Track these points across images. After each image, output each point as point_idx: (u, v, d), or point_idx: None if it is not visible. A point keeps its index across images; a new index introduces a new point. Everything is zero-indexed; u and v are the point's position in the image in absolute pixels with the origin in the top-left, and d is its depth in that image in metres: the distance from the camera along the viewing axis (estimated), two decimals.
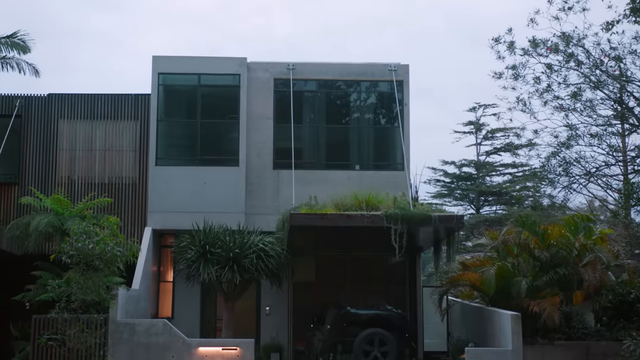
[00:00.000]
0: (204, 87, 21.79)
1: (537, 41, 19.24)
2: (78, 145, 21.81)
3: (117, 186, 21.64)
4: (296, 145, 21.27)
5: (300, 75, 21.95)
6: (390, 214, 16.87)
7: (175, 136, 22.04)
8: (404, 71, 21.94)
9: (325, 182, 20.98)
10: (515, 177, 40.40)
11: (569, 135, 19.83)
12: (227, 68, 21.64)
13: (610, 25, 17.32)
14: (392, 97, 21.76)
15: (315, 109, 22.14)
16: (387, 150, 22.20)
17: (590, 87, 19.07)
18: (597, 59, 18.74)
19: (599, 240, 17.59)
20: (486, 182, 41.66)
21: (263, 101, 21.76)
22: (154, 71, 21.34)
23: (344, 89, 22.29)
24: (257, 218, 20.58)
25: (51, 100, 22.04)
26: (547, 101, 19.54)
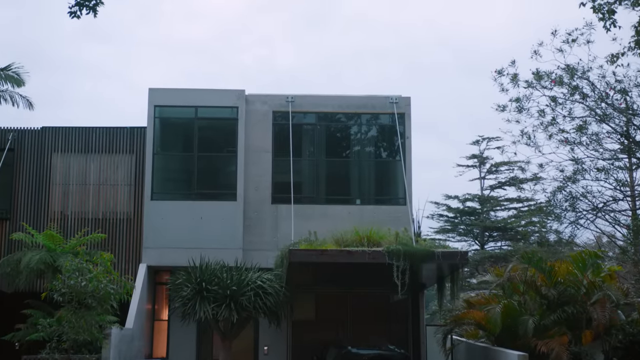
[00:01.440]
0: (201, 119, 21.93)
1: (541, 73, 19.42)
2: (71, 179, 21.89)
3: (111, 221, 21.66)
4: (295, 179, 21.35)
5: (299, 108, 22.11)
6: (392, 250, 16.86)
7: (172, 170, 22.12)
8: (406, 104, 22.10)
9: (325, 217, 21.01)
10: (521, 212, 40.41)
11: (575, 169, 19.92)
12: (225, 100, 21.81)
13: (615, 58, 17.50)
14: (393, 130, 21.89)
15: (314, 142, 22.25)
16: (388, 185, 22.27)
17: (596, 121, 19.21)
18: (602, 91, 18.91)
19: (607, 278, 17.56)
20: (491, 217, 41.67)
21: (261, 134, 21.89)
22: (150, 104, 21.52)
23: (344, 121, 22.43)
24: (255, 254, 20.57)
25: (45, 133, 22.17)
26: (552, 134, 19.67)
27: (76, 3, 12.36)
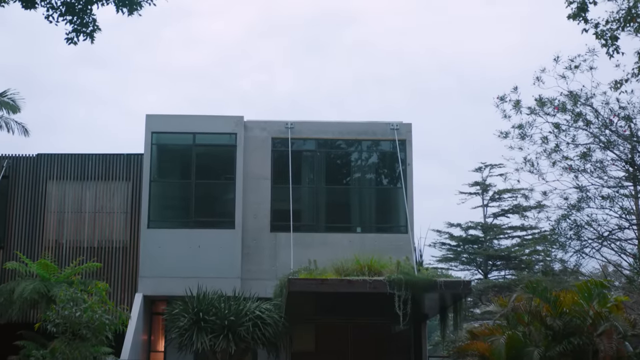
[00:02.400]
0: (199, 146, 22.02)
1: (543, 100, 19.51)
2: (67, 207, 21.92)
3: (107, 250, 21.65)
4: (295, 207, 21.36)
5: (299, 134, 22.20)
6: (393, 279, 16.83)
7: (169, 197, 22.16)
8: (407, 130, 22.19)
9: (325, 245, 20.99)
10: (525, 241, 40.36)
11: (580, 197, 19.91)
12: (223, 127, 21.92)
13: (619, 84, 17.59)
14: (394, 157, 21.96)
15: (314, 169, 22.32)
16: (389, 212, 22.29)
17: (600, 148, 19.26)
18: (606, 118, 18.98)
19: (614, 308, 17.49)
20: (494, 245, 41.58)
21: (260, 161, 21.96)
22: (148, 130, 21.60)
23: (344, 148, 22.52)
24: (254, 283, 20.52)
25: (40, 160, 22.25)
26: (555, 162, 19.69)
27: (73, 29, 12.50)
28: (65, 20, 12.49)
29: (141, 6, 12.69)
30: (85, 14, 12.53)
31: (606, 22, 15.28)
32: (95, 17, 12.59)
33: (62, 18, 12.50)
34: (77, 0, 12.48)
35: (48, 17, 12.47)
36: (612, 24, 15.30)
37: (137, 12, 12.70)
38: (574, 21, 15.22)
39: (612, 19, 15.31)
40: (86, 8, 12.49)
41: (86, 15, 12.52)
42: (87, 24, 12.54)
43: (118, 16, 12.77)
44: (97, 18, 12.64)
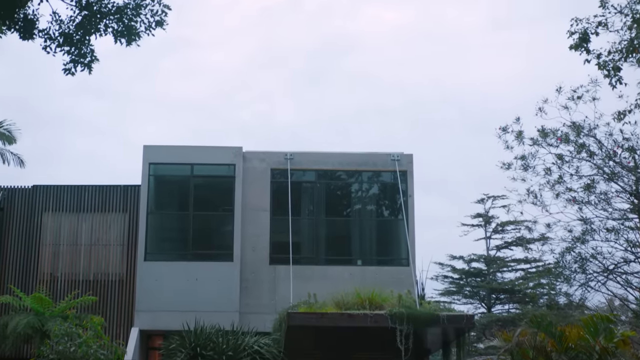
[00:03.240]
0: (197, 177, 22.05)
1: (546, 131, 19.61)
2: (62, 239, 21.89)
3: (103, 283, 21.57)
4: (294, 239, 21.32)
5: (298, 165, 22.23)
6: (395, 313, 16.74)
7: (166, 229, 22.13)
8: (408, 161, 22.23)
9: (325, 278, 20.91)
10: (529, 274, 40.19)
11: (584, 229, 19.90)
12: (222, 158, 21.96)
13: (622, 115, 17.69)
14: (395, 188, 21.97)
15: (314, 200, 22.32)
16: (390, 245, 22.24)
17: (604, 179, 19.30)
18: (609, 149, 19.05)
19: (621, 344, 17.35)
20: (497, 278, 41.41)
21: (259, 192, 21.96)
22: (145, 161, 21.63)
23: (344, 179, 22.54)
24: (252, 317, 20.41)
25: (35, 192, 22.27)
26: (559, 193, 19.74)
27: (71, 60, 12.59)
28: (63, 51, 12.59)
29: (139, 37, 12.80)
30: (83, 44, 12.63)
31: (608, 53, 15.39)
32: (93, 48, 12.70)
33: (60, 49, 12.61)
34: (75, 31, 12.59)
35: (45, 48, 12.57)
36: (615, 55, 15.42)
37: (135, 43, 12.81)
38: (575, 52, 15.36)
39: (614, 50, 15.43)
40: (84, 38, 12.60)
41: (84, 45, 12.63)
42: (85, 55, 12.64)
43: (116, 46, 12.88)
44: (95, 48, 12.76)
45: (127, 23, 12.64)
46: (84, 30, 12.51)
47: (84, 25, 12.53)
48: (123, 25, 12.64)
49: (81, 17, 12.59)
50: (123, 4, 12.74)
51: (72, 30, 12.58)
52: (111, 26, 12.72)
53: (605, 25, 15.44)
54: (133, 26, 12.66)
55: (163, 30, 12.96)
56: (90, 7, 12.62)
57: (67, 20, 12.66)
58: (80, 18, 12.59)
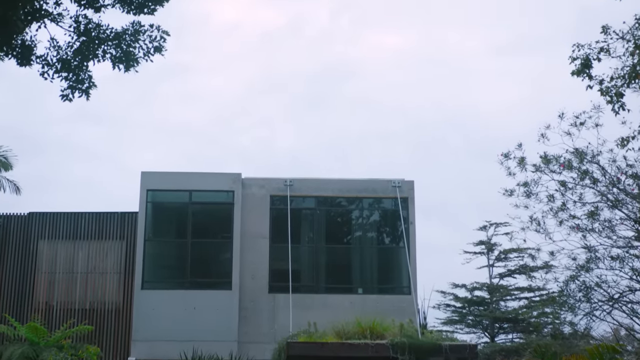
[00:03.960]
0: (196, 204, 22.03)
1: (549, 157, 19.58)
2: (58, 267, 21.83)
3: (99, 312, 21.47)
4: (294, 267, 21.25)
5: (298, 192, 22.24)
6: (396, 342, 16.66)
7: (164, 257, 22.07)
8: (409, 187, 22.23)
9: (325, 307, 20.81)
10: (532, 302, 40.00)
11: (588, 257, 19.79)
12: (221, 184, 21.96)
13: (626, 142, 17.70)
14: (396, 215, 21.95)
15: (314, 227, 22.28)
16: (392, 273, 22.16)
17: (608, 207, 19.24)
18: (613, 176, 19.02)
19: None
20: (501, 307, 41.21)
21: (258, 219, 21.93)
22: (143, 188, 21.63)
23: (345, 206, 22.53)
24: (251, 347, 20.29)
25: (31, 219, 22.25)
26: (562, 221, 19.65)
27: (68, 86, 12.67)
28: (61, 77, 12.68)
29: (138, 62, 12.89)
30: (81, 70, 12.73)
31: (611, 79, 15.46)
32: (91, 74, 12.80)
33: (58, 75, 12.70)
34: (73, 57, 12.68)
35: (43, 74, 12.66)
36: (617, 81, 15.48)
37: (133, 69, 12.90)
38: (578, 77, 15.42)
39: (616, 76, 15.49)
40: (82, 64, 12.70)
41: (82, 71, 12.72)
42: (83, 81, 12.73)
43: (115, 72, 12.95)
44: (93, 74, 12.85)
45: (126, 49, 12.74)
46: (82, 56, 12.61)
47: (82, 51, 12.64)
48: (121, 51, 12.74)
49: (79, 43, 12.70)
50: (121, 30, 12.86)
51: (70, 56, 12.69)
52: (109, 52, 12.83)
53: (607, 51, 15.52)
54: (131, 52, 12.76)
55: (162, 56, 13.06)
56: (89, 33, 12.73)
57: (65, 46, 12.78)
58: (79, 44, 12.71)
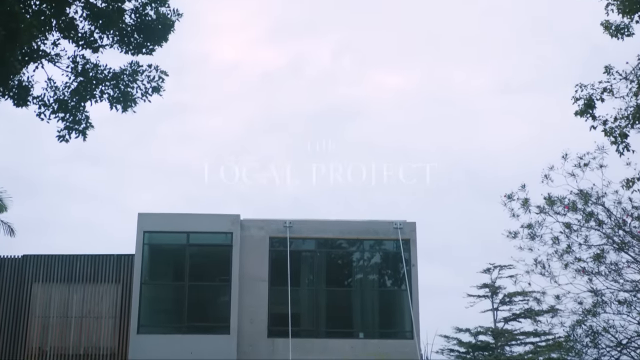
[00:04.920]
0: (193, 246, 21.96)
1: (553, 199, 19.53)
2: (52, 311, 21.65)
3: (94, 357, 21.25)
4: (293, 311, 21.09)
5: (298, 234, 22.17)
6: None
7: (160, 300, 21.93)
8: (411, 229, 22.17)
9: (325, 352, 20.63)
10: (538, 347, 39.53)
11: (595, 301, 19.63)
12: (219, 226, 21.90)
13: (631, 183, 17.67)
14: (398, 257, 21.86)
15: (314, 270, 22.18)
16: (394, 316, 21.99)
17: (614, 249, 19.13)
18: (619, 218, 18.95)
19: None
20: (506, 352, 40.76)
21: (257, 261, 21.83)
22: (139, 229, 21.57)
23: (345, 248, 22.45)
24: None
25: (25, 261, 22.13)
26: (568, 263, 19.52)
27: (65, 127, 12.69)
28: (57, 118, 12.72)
29: (135, 103, 12.95)
30: (78, 111, 12.77)
31: (615, 119, 15.50)
32: (88, 114, 12.84)
33: (54, 115, 12.74)
34: (70, 97, 12.74)
35: (40, 115, 12.69)
36: (621, 121, 15.52)
37: (131, 109, 12.94)
38: (581, 118, 15.46)
39: (620, 116, 15.54)
40: (79, 105, 12.75)
41: (79, 112, 12.76)
42: (80, 121, 12.77)
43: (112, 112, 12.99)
44: (90, 115, 12.89)
45: (123, 89, 12.81)
46: (79, 96, 12.67)
47: (79, 92, 12.69)
48: (119, 92, 12.81)
49: (77, 83, 12.78)
50: (119, 70, 12.94)
51: (67, 96, 12.75)
52: (107, 92, 12.90)
53: (610, 91, 15.60)
54: (129, 92, 12.83)
55: (160, 96, 13.11)
56: (86, 74, 12.81)
57: (62, 86, 12.85)
58: (76, 84, 12.78)
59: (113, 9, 12.63)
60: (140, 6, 13.01)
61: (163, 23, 13.07)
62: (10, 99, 12.48)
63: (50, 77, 12.79)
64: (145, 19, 13.02)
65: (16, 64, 11.15)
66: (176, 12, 13.28)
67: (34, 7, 12.20)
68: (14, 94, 12.48)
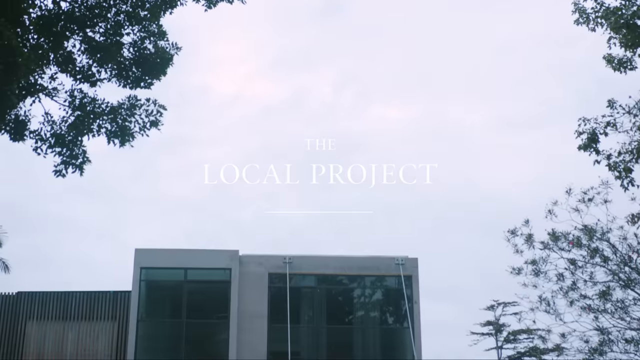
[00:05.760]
0: (191, 282, 21.87)
1: (557, 234, 19.47)
2: (46, 349, 21.48)
3: None
4: (293, 348, 20.95)
5: (298, 270, 22.10)
6: None
7: (158, 338, 21.79)
8: (413, 265, 22.09)
9: None
10: None
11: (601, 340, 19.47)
12: (217, 262, 21.84)
13: (636, 219, 17.63)
14: (400, 294, 21.75)
15: (314, 306, 22.07)
16: (396, 354, 21.82)
17: (620, 286, 19.03)
18: (624, 254, 18.87)
19: None
20: None
21: (257, 298, 21.73)
22: (136, 265, 21.51)
23: (346, 284, 22.35)
24: None
25: (20, 299, 22.01)
26: (573, 301, 19.41)
27: (62, 161, 12.67)
28: (54, 152, 12.69)
29: (133, 137, 12.94)
30: (75, 145, 12.76)
31: (619, 154, 15.48)
32: (85, 149, 12.81)
33: (51, 150, 12.71)
34: (67, 132, 12.73)
35: (36, 149, 12.68)
36: (625, 156, 15.50)
37: (129, 144, 12.93)
38: (585, 152, 15.45)
39: (624, 151, 15.52)
40: (76, 139, 12.74)
41: (76, 146, 12.75)
42: (77, 156, 12.74)
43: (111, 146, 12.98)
44: (87, 149, 12.87)
45: (121, 123, 12.81)
46: (77, 130, 12.66)
47: (76, 126, 12.69)
48: (117, 126, 12.81)
49: (74, 117, 12.78)
50: (117, 104, 12.95)
51: (64, 131, 12.74)
52: (104, 127, 12.89)
53: (614, 125, 15.61)
54: (127, 127, 12.82)
55: (158, 130, 13.11)
56: (84, 108, 12.82)
57: (60, 120, 12.84)
58: (73, 118, 12.78)
59: (111, 42, 12.68)
60: (138, 40, 13.06)
61: (162, 57, 13.12)
62: (6, 133, 12.48)
63: (47, 111, 12.79)
64: (144, 53, 13.07)
65: (13, 98, 11.16)
66: (175, 45, 13.34)
67: (31, 40, 12.25)
68: (10, 128, 12.48)
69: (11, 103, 11.26)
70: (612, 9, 14.71)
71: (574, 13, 15.48)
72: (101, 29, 12.61)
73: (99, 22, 12.47)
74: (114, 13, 12.52)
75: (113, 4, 12.39)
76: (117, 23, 12.60)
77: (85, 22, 12.32)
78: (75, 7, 12.27)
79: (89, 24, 12.37)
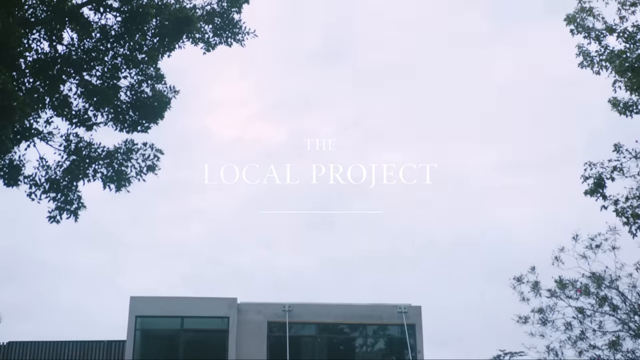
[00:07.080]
0: (188, 331, 21.70)
1: (564, 282, 19.33)
2: None
3: None
4: None
5: (298, 318, 21.95)
6: None
7: None
8: (416, 313, 21.95)
9: None
10: None
11: None
12: (215, 310, 21.70)
13: None
14: (403, 343, 21.57)
15: (315, 356, 21.89)
16: None
17: (630, 336, 18.84)
18: (634, 303, 18.72)
19: None
20: None
21: (255, 347, 21.56)
22: (131, 314, 21.36)
23: (347, 333, 22.18)
24: None
25: (11, 349, 21.83)
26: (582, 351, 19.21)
27: (56, 207, 12.64)
28: (49, 198, 12.67)
29: (129, 182, 12.92)
30: (70, 190, 12.74)
31: (626, 199, 15.46)
32: (80, 194, 12.79)
33: (46, 195, 12.69)
34: (62, 177, 12.73)
35: (30, 195, 12.65)
36: (633, 201, 15.47)
37: (125, 189, 12.92)
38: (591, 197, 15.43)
39: (632, 196, 15.50)
40: (71, 185, 12.73)
41: (71, 192, 12.73)
42: (72, 202, 12.71)
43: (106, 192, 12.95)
44: (82, 194, 12.84)
45: (117, 168, 12.81)
46: (72, 175, 12.66)
47: (71, 171, 12.69)
48: (113, 171, 12.81)
49: (69, 162, 12.79)
50: (113, 149, 12.97)
51: (59, 175, 12.74)
52: (100, 171, 12.88)
53: (620, 170, 15.61)
54: (123, 171, 12.82)
55: (155, 175, 13.10)
56: (79, 152, 12.83)
57: (55, 165, 12.85)
58: (68, 163, 12.79)
59: (108, 86, 12.75)
60: (135, 83, 13.13)
61: (159, 100, 13.17)
62: (0, 178, 12.48)
63: (42, 155, 12.81)
64: (141, 97, 13.14)
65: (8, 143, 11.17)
66: (173, 89, 13.40)
67: (27, 84, 12.31)
68: (4, 173, 12.48)
69: (5, 148, 11.27)
70: (616, 52, 14.83)
71: (577, 56, 15.58)
72: (98, 72, 12.69)
73: (96, 66, 12.55)
74: (111, 56, 12.61)
75: (110, 47, 12.48)
76: (114, 66, 12.68)
77: (82, 65, 12.41)
78: (72, 50, 12.37)
79: (85, 67, 12.46)
